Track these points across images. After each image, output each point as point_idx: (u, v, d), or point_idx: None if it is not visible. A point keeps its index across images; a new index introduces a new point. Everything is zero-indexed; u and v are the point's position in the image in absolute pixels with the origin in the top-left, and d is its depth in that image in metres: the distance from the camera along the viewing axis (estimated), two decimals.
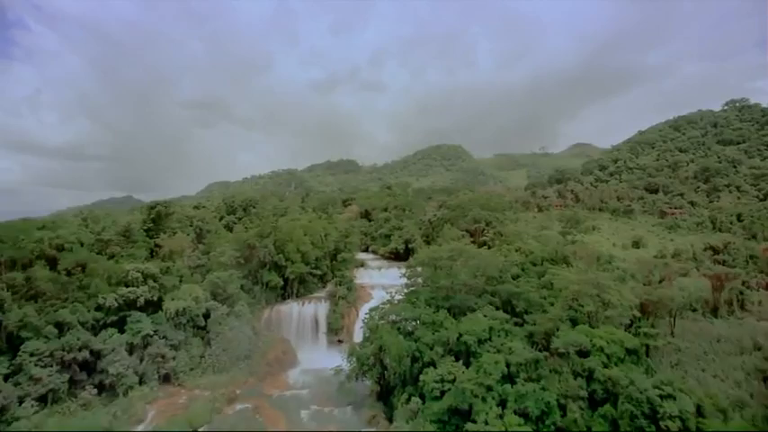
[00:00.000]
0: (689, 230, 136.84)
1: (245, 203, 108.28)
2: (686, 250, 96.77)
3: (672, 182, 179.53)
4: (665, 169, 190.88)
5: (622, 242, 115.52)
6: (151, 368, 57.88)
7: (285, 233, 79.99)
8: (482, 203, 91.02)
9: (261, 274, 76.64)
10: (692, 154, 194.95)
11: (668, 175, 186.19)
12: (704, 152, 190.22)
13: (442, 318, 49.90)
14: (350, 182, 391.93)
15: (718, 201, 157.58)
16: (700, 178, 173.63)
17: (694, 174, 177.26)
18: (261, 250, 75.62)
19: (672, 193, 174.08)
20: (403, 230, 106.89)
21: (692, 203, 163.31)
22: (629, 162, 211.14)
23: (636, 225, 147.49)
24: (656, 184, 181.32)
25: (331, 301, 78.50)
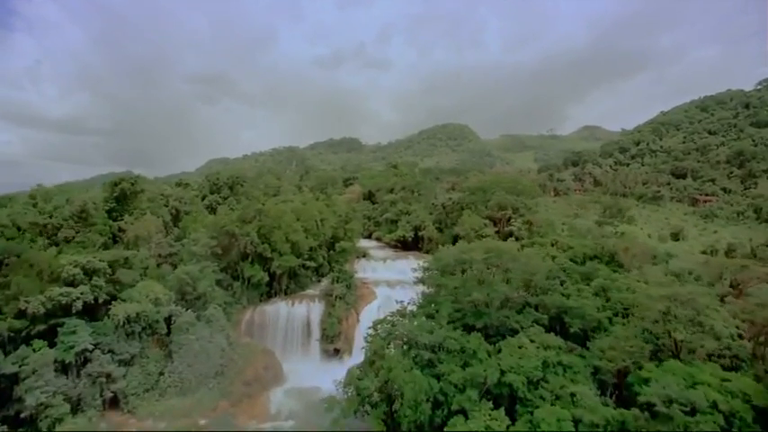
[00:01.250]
0: (728, 220, 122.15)
1: (232, 181, 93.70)
2: (741, 245, 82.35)
3: (701, 166, 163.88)
4: (693, 152, 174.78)
5: (658, 233, 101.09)
6: (91, 392, 44.44)
7: (272, 218, 65.66)
8: (507, 186, 76.49)
9: (242, 267, 62.68)
10: (722, 136, 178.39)
11: (697, 158, 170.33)
12: (736, 135, 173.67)
13: (475, 345, 35.90)
14: (352, 161, 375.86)
15: (756, 188, 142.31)
16: (733, 163, 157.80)
17: (727, 158, 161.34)
18: (242, 239, 61.47)
19: (702, 179, 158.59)
20: (411, 215, 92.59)
21: (725, 190, 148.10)
22: (653, 144, 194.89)
23: (666, 213, 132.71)
24: (684, 168, 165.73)
25: (327, 300, 64.67)
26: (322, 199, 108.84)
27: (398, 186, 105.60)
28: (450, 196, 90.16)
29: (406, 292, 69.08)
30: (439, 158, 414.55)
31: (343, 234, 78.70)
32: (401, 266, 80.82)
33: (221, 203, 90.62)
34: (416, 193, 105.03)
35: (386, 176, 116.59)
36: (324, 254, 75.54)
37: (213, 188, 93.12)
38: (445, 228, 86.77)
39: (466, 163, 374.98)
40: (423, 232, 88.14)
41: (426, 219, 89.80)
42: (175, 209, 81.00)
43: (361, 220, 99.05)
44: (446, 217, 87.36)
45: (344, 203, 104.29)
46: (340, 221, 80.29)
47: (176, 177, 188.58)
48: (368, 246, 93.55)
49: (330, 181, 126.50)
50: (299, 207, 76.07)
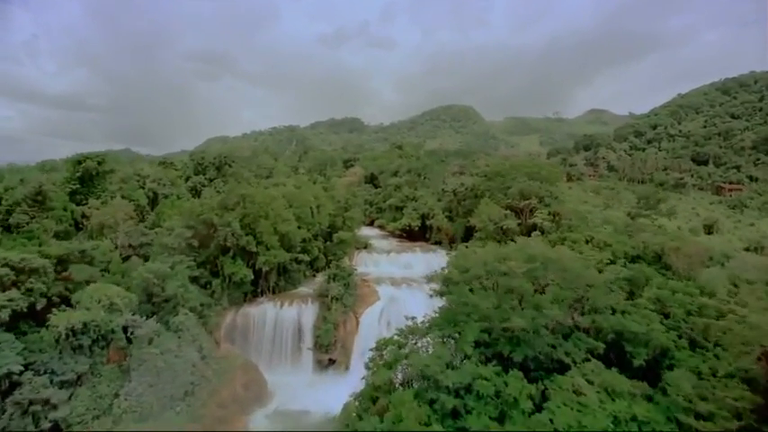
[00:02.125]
0: (760, 211, 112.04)
1: (219, 161, 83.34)
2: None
3: (724, 152, 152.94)
4: (715, 137, 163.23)
5: (688, 225, 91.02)
6: (21, 424, 35.19)
7: (259, 205, 55.65)
8: (529, 172, 66.10)
9: (222, 262, 52.94)
10: (746, 121, 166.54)
11: (719, 144, 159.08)
12: (762, 119, 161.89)
13: (515, 389, 26.28)
14: (354, 141, 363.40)
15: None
16: (760, 149, 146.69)
17: (753, 144, 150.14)
18: (221, 230, 51.56)
19: (726, 166, 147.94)
20: (418, 202, 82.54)
21: (751, 178, 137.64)
22: (671, 128, 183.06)
23: (692, 203, 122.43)
24: (706, 154, 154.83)
25: (321, 302, 55.17)
26: (320, 182, 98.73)
27: (404, 169, 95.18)
28: (463, 181, 79.83)
29: (413, 293, 59.83)
30: (442, 140, 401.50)
31: (342, 223, 68.82)
32: (407, 260, 71.26)
33: (207, 186, 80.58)
34: (423, 177, 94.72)
35: (390, 158, 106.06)
36: (319, 246, 65.80)
37: (198, 169, 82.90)
38: (456, 216, 76.79)
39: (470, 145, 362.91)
40: (431, 221, 78.22)
41: (435, 206, 79.76)
42: (153, 192, 71.10)
43: (363, 207, 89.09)
44: (458, 205, 77.24)
45: (344, 187, 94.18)
46: (339, 208, 70.30)
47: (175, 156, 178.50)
48: (369, 235, 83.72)
49: (329, 162, 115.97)
50: (291, 192, 66.02)
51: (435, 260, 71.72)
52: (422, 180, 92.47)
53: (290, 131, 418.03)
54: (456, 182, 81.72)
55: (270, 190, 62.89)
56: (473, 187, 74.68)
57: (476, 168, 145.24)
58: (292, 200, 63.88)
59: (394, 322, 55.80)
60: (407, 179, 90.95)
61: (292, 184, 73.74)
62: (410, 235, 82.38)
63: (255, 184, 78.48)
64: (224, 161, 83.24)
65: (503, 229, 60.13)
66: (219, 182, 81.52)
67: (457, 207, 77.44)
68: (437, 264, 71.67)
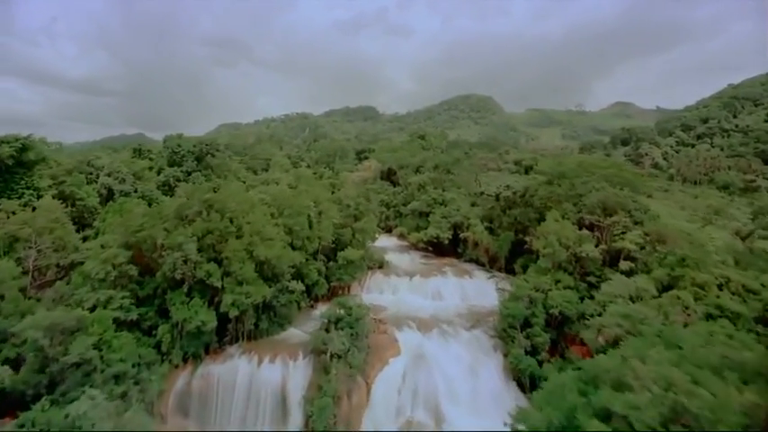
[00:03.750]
0: None
1: (200, 150, 65.79)
2: None
3: None
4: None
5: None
6: None
7: (231, 216, 38.10)
8: (608, 175, 47.40)
9: (171, 301, 35.53)
10: None
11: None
12: None
13: None
14: (368, 130, 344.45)
15: None
16: None
17: None
18: (168, 255, 34.08)
19: None
20: (449, 207, 64.11)
21: None
22: (725, 122, 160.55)
23: None
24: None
25: (317, 360, 37.62)
26: (327, 176, 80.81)
27: (428, 164, 76.63)
28: (510, 183, 61.18)
29: (448, 344, 41.86)
30: (460, 131, 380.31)
31: (351, 237, 50.96)
32: (436, 287, 53.20)
33: (182, 180, 63.17)
34: (452, 174, 76.03)
35: (411, 150, 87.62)
36: (320, 267, 48.12)
37: (173, 159, 65.41)
38: (500, 229, 58.27)
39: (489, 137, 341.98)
40: (466, 234, 59.86)
41: (471, 214, 61.30)
42: (108, 188, 53.75)
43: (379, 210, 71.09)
44: (502, 214, 58.68)
45: (356, 185, 76.23)
46: (347, 217, 52.40)
47: None
48: (386, 246, 65.74)
49: (339, 152, 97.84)
50: (283, 194, 48.24)
51: (473, 288, 53.77)
52: (450, 178, 73.84)
53: (302, 119, 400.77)
54: (499, 183, 63.04)
55: (249, 193, 45.22)
56: (526, 192, 56.01)
57: (505, 164, 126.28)
58: (284, 205, 46.15)
59: (423, 392, 38.38)
60: (433, 177, 72.43)
61: (288, 182, 55.88)
62: (438, 248, 64.24)
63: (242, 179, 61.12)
64: (205, 150, 65.69)
65: (577, 255, 41.61)
66: (200, 176, 64.09)
67: (500, 217, 58.86)
68: (476, 293, 53.91)
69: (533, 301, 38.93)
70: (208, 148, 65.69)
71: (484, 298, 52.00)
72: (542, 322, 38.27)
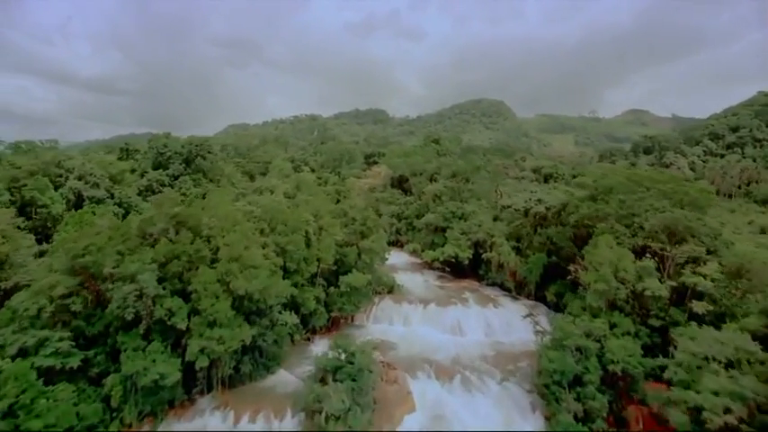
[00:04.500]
0: None
1: (188, 151, 58.20)
2: None
3: None
4: None
5: None
6: None
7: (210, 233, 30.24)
8: (668, 191, 38.92)
9: (122, 345, 27.61)
10: None
11: None
12: None
13: None
14: (377, 133, 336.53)
15: None
16: None
17: None
18: (117, 288, 26.22)
19: None
20: (469, 222, 55.74)
21: None
22: (757, 131, 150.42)
23: None
24: None
25: (309, 419, 29.49)
26: (332, 182, 72.93)
27: (445, 172, 68.29)
28: (539, 196, 52.74)
29: (474, 401, 33.51)
30: (471, 136, 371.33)
31: (356, 258, 42.85)
32: (455, 318, 44.82)
33: (167, 186, 55.58)
34: (471, 183, 67.58)
35: (424, 155, 79.34)
36: (318, 294, 40.11)
37: (159, 161, 57.87)
38: (530, 249, 49.84)
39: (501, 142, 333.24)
40: (490, 254, 51.45)
41: (495, 230, 52.92)
42: (77, 193, 46.27)
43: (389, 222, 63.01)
44: (532, 232, 50.31)
45: (363, 193, 68.27)
46: (353, 233, 44.34)
47: None
48: (396, 264, 57.47)
49: (346, 156, 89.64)
50: (276, 206, 40.33)
51: (499, 320, 45.36)
52: (469, 188, 65.43)
53: (311, 120, 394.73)
54: (526, 195, 54.60)
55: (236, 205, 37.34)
56: (564, 208, 47.53)
57: (522, 171, 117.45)
58: (277, 220, 38.21)
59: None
60: (451, 186, 64.10)
61: (286, 190, 47.96)
62: (456, 269, 55.92)
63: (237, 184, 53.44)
64: (195, 151, 58.04)
65: (637, 293, 33.15)
66: (188, 180, 56.45)
67: (530, 236, 50.48)
68: (502, 327, 45.53)
69: (584, 351, 30.47)
70: (198, 149, 58.06)
71: (512, 333, 43.67)
72: (598, 381, 29.77)
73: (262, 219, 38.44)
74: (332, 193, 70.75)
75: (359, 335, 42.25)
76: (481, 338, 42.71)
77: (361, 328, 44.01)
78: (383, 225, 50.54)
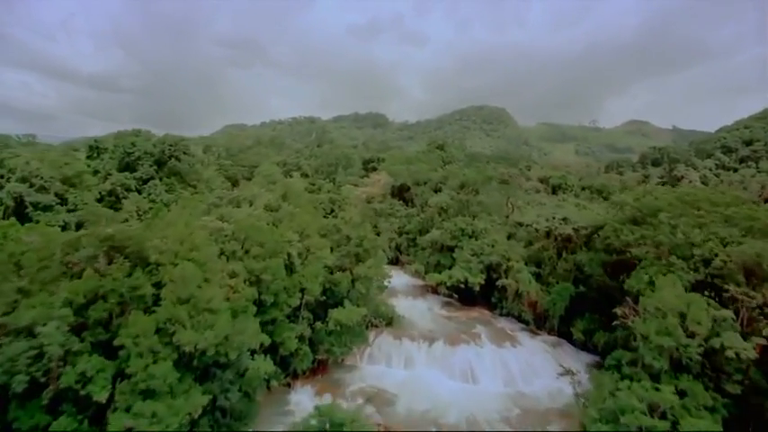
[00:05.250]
0: None
1: (161, 152, 50.53)
2: None
3: None
4: None
5: None
6: None
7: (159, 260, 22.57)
8: (734, 216, 31.60)
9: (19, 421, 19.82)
10: None
11: None
12: None
13: None
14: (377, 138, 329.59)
15: None
16: None
17: None
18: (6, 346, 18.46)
19: None
20: (480, 241, 48.20)
21: None
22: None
23: None
24: None
25: None
26: (326, 190, 65.46)
27: (452, 182, 60.85)
28: (565, 214, 45.23)
29: None
30: (472, 142, 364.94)
31: (349, 287, 35.22)
32: (467, 360, 37.11)
33: (135, 190, 47.84)
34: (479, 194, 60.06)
35: (429, 162, 71.93)
36: (303, 330, 32.48)
37: (126, 162, 50.15)
38: (553, 276, 42.44)
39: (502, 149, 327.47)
40: (506, 281, 43.88)
41: (511, 253, 45.41)
42: (18, 199, 38.56)
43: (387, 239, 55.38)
44: (557, 257, 42.86)
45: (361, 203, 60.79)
46: (346, 255, 36.72)
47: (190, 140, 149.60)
48: (395, 285, 49.50)
49: (343, 161, 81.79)
50: (253, 222, 32.66)
51: (519, 362, 37.75)
52: (478, 200, 57.91)
53: (310, 123, 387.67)
54: (550, 213, 47.12)
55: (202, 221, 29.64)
56: (598, 231, 40.04)
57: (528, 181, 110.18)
58: (253, 240, 30.61)
59: None
60: (459, 199, 56.64)
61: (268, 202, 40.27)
62: (464, 294, 48.32)
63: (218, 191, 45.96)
64: (168, 151, 50.39)
65: (708, 350, 25.66)
66: (158, 185, 48.73)
67: (553, 260, 43.10)
68: (524, 372, 37.92)
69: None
70: (172, 149, 50.41)
71: (535, 379, 36.29)
72: None
73: (234, 239, 30.78)
74: (325, 203, 63.21)
75: (350, 380, 34.71)
76: (499, 388, 35.07)
77: (354, 370, 36.29)
78: (382, 244, 42.76)
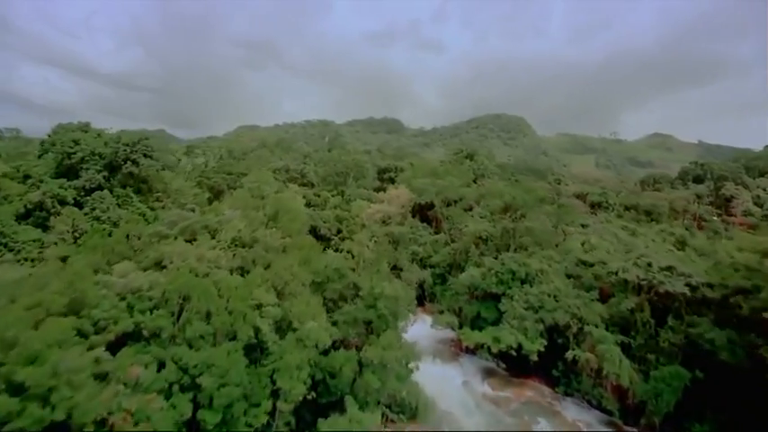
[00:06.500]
0: None
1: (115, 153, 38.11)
2: None
3: None
4: None
5: None
6: None
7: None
8: None
9: None
10: None
11: None
12: None
13: None
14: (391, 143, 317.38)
15: None
16: None
17: None
18: None
19: None
20: (537, 288, 34.73)
21: None
22: None
23: None
24: None
25: None
26: (332, 206, 52.76)
27: (492, 203, 47.45)
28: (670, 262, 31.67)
29: None
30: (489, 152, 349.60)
31: (354, 377, 22.07)
32: None
33: (75, 203, 35.41)
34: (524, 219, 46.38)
35: (459, 175, 58.60)
36: None
37: (65, 165, 37.75)
38: (647, 349, 28.76)
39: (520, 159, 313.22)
40: (580, 353, 30.28)
41: (586, 311, 31.83)
42: None
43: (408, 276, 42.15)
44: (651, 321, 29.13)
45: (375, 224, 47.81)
46: (351, 325, 23.63)
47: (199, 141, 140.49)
48: (416, 335, 36.11)
49: (354, 170, 68.23)
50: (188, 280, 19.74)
51: None
52: (526, 227, 44.32)
53: (323, 126, 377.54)
54: (635, 256, 33.40)
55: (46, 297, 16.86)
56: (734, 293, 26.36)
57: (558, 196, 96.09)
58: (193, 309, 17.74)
59: None
60: (502, 227, 43.19)
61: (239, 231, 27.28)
62: (513, 361, 34.79)
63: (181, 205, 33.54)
64: (123, 154, 38.00)
65: None
66: (109, 196, 36.22)
67: (649, 327, 29.40)
68: None
69: None
70: (128, 150, 37.92)
71: None
72: None
73: (163, 303, 17.91)
74: (330, 221, 50.31)
75: None
76: None
77: None
78: (407, 298, 29.46)
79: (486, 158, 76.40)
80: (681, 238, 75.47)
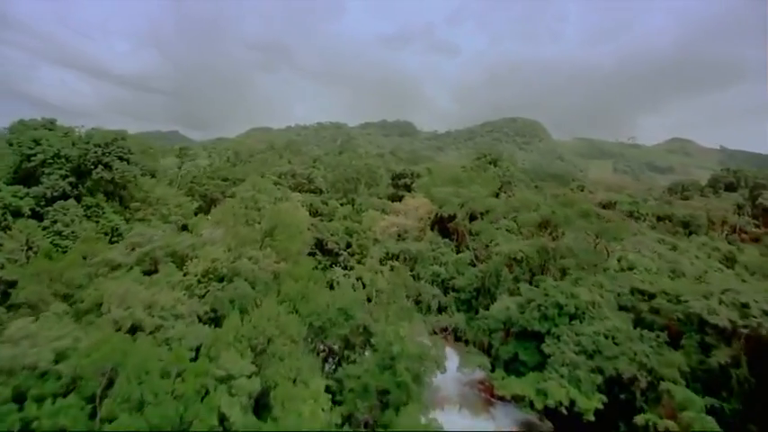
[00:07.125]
0: None
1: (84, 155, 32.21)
2: None
3: None
4: None
5: None
6: None
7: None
8: None
9: None
10: None
11: None
12: None
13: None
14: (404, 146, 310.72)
15: None
16: None
17: None
18: None
19: None
20: (588, 326, 27.86)
21: None
22: None
23: None
24: None
25: None
26: (340, 216, 46.43)
27: (527, 218, 40.66)
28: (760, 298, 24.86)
29: None
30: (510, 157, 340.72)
31: None
32: None
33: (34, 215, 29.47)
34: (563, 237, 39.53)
35: (483, 183, 51.81)
36: None
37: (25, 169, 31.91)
38: (754, 426, 21.65)
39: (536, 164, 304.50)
40: (656, 420, 23.26)
41: (657, 360, 24.83)
42: None
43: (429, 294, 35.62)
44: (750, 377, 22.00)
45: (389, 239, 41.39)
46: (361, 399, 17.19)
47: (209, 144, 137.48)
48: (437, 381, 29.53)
49: (366, 176, 61.51)
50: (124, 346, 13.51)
51: None
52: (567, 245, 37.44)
53: (336, 128, 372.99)
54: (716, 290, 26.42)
55: None
56: None
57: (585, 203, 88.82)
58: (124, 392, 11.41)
59: None
60: (539, 246, 36.39)
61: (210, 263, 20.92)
62: (562, 419, 27.87)
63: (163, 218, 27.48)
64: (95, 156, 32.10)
65: None
66: (75, 206, 30.29)
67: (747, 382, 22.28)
68: None
69: None
70: (99, 152, 31.95)
71: None
72: None
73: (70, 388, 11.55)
74: (338, 234, 43.96)
75: None
76: None
77: None
78: (437, 358, 22.68)
79: (510, 164, 69.29)
80: (729, 254, 67.32)
